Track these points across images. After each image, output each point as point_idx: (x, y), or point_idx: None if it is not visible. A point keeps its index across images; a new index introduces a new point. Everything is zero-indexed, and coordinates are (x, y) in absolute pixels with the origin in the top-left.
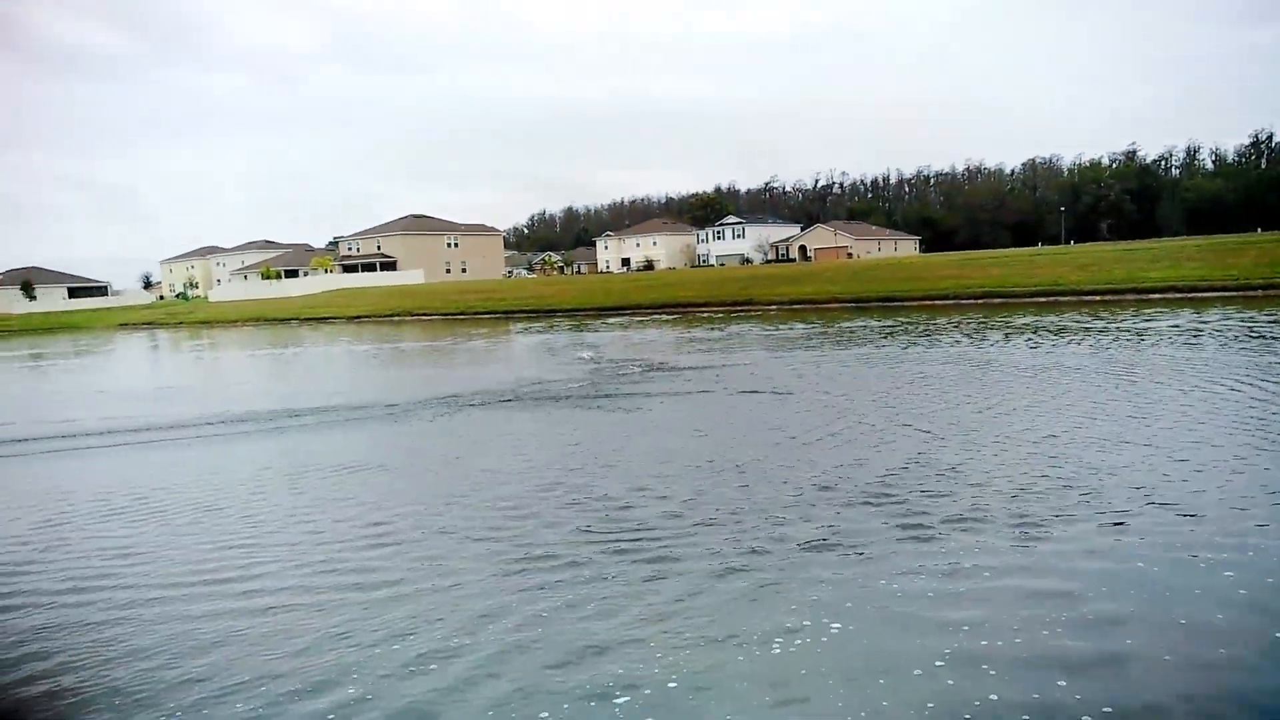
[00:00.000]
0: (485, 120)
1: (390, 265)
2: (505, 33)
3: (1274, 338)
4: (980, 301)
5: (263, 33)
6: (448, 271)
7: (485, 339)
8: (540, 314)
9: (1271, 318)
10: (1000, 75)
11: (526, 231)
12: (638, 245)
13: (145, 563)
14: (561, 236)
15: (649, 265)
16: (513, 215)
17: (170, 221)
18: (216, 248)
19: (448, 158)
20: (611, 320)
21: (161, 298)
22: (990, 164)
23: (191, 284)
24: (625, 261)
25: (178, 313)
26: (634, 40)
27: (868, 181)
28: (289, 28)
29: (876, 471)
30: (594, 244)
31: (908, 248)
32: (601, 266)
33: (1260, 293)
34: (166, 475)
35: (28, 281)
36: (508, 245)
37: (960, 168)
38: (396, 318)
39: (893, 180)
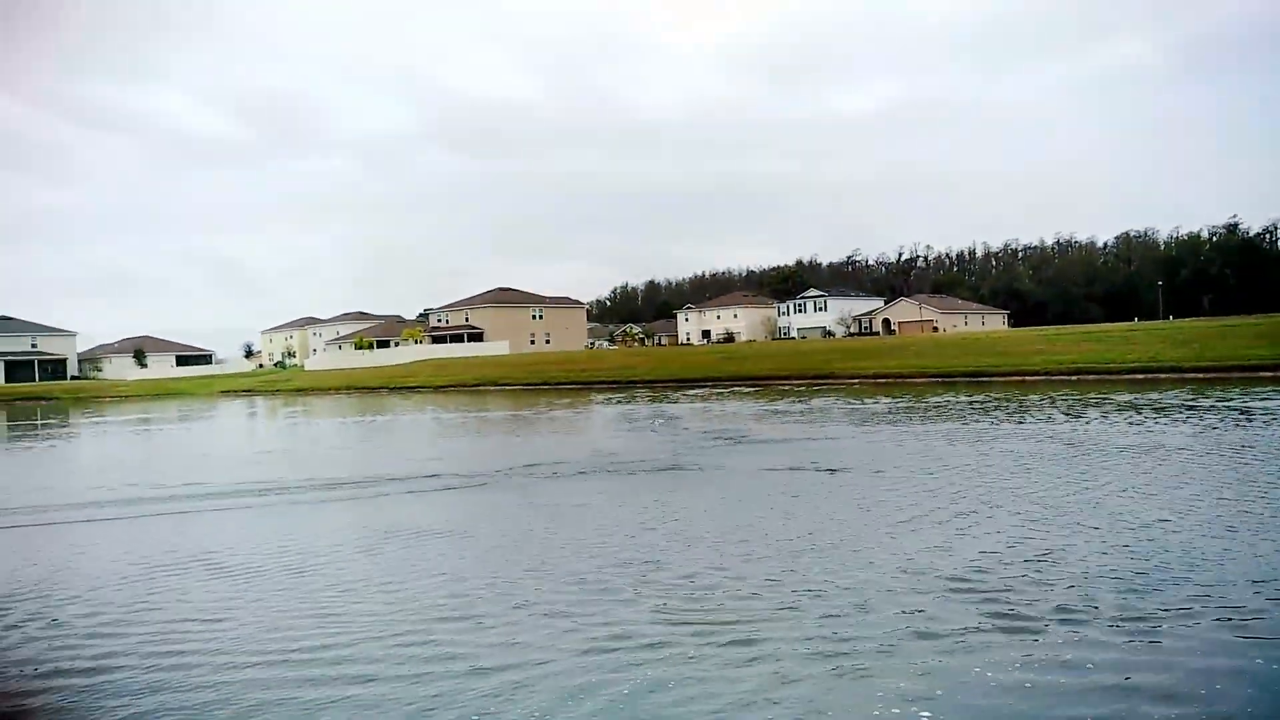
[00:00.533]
0: (572, 197)
1: (477, 336)
2: (596, 115)
3: None
4: (1073, 378)
5: (372, 119)
6: (532, 342)
7: (567, 409)
8: (621, 385)
9: None
10: (1090, 149)
11: (609, 304)
12: (718, 317)
13: (238, 626)
14: (643, 309)
15: (729, 337)
16: (596, 289)
17: (273, 294)
18: (314, 318)
19: (535, 234)
20: (691, 392)
21: (261, 366)
22: (1081, 237)
23: (289, 353)
24: (705, 334)
25: (275, 381)
26: (720, 121)
27: (953, 255)
28: (397, 114)
29: (969, 555)
30: (675, 316)
31: (995, 322)
32: (682, 338)
33: None
34: (258, 538)
35: (140, 350)
36: (590, 317)
37: (1049, 241)
38: (481, 387)
39: (979, 253)
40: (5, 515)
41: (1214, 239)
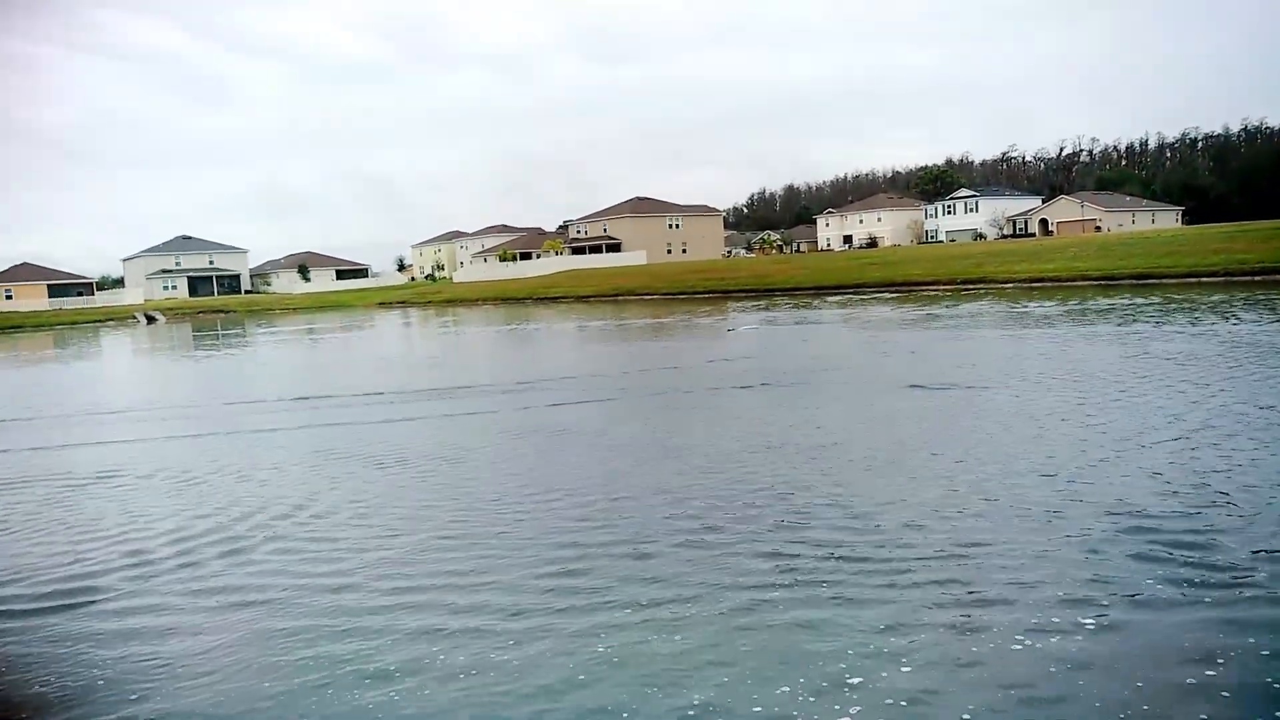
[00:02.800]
0: (709, 103)
1: (615, 247)
2: (731, 17)
3: None
4: (1257, 278)
5: (504, 31)
6: (669, 252)
7: (708, 316)
8: (759, 293)
9: None
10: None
11: (746, 211)
12: (860, 222)
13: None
14: (781, 215)
15: (872, 243)
16: (733, 195)
17: (421, 209)
18: (460, 232)
19: (672, 141)
20: (831, 299)
21: (413, 279)
22: (1273, 121)
23: (439, 266)
24: (847, 239)
25: (427, 292)
26: (863, 12)
27: (1121, 148)
28: (528, 26)
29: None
30: (814, 222)
31: (1167, 220)
32: (822, 245)
33: None
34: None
35: (304, 265)
36: (727, 225)
37: (1235, 128)
38: (621, 297)
39: (1151, 145)
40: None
41: None
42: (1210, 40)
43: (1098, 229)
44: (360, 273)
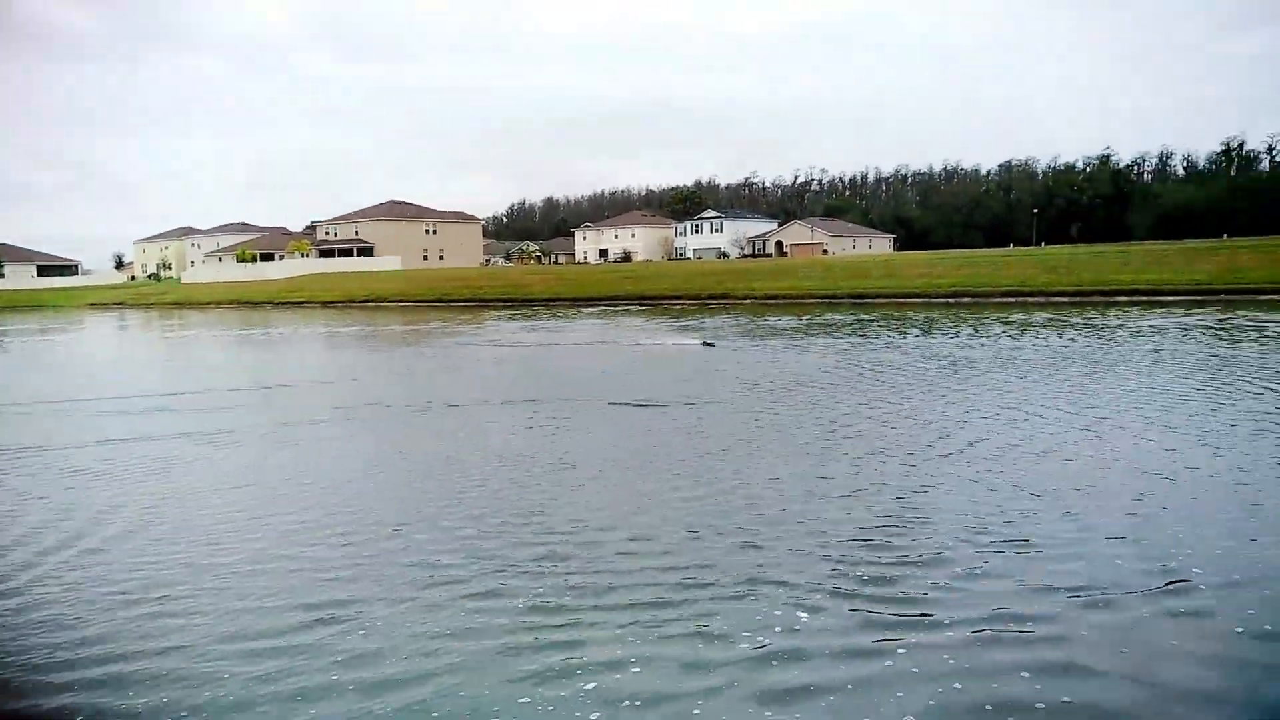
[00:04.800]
0: (470, 111)
1: (368, 250)
2: (494, 26)
3: (1221, 339)
4: (951, 300)
5: (247, 17)
6: (425, 259)
7: (462, 325)
8: (517, 303)
9: (1215, 322)
10: (980, 76)
11: (506, 221)
12: (616, 236)
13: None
14: (540, 226)
15: (627, 257)
16: (493, 204)
17: (144, 202)
18: (192, 229)
19: (431, 147)
20: (587, 309)
21: (133, 278)
22: (967, 164)
23: (165, 265)
24: (603, 252)
25: (148, 294)
26: (621, 36)
27: (845, 179)
28: (274, 14)
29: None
30: (572, 234)
31: (883, 245)
32: (579, 257)
33: (1222, 296)
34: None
35: None
36: (487, 234)
37: (937, 168)
38: (372, 303)
39: (870, 179)
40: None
41: (1087, 169)
42: (922, 86)
43: (825, 251)
44: (68, 269)
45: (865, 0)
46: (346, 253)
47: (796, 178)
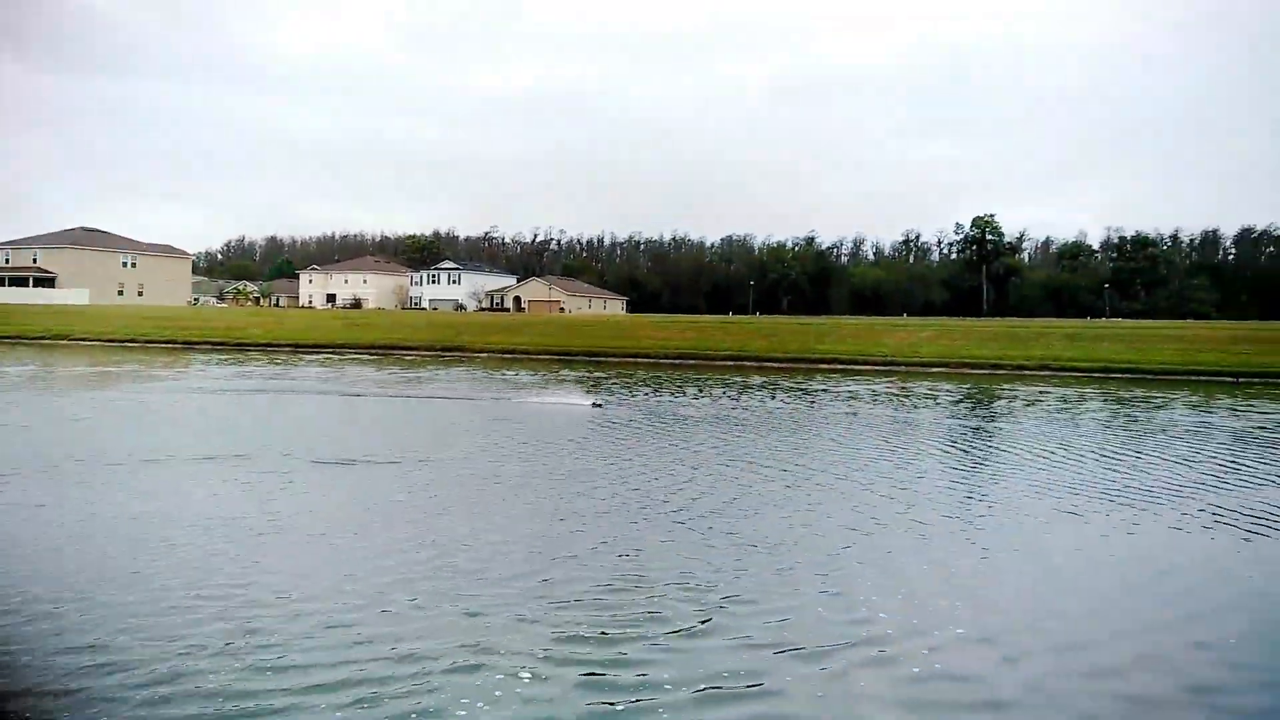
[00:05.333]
0: (186, 136)
1: (47, 281)
2: (215, 47)
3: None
4: (677, 361)
5: None
6: (120, 294)
7: (160, 368)
8: (229, 346)
9: (898, 390)
10: (703, 154)
11: (220, 258)
12: (346, 282)
13: None
14: (260, 267)
15: (357, 304)
16: (206, 239)
17: None
18: None
19: (136, 171)
20: (309, 357)
21: None
22: (694, 236)
23: None
24: (331, 297)
25: None
26: (362, 75)
27: (583, 241)
28: None
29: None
30: (298, 277)
31: (616, 306)
32: (304, 301)
33: (902, 369)
34: None
35: None
36: (197, 270)
37: (667, 237)
38: (49, 340)
39: (606, 242)
40: None
41: (795, 249)
42: (655, 156)
43: (562, 309)
44: None
45: (598, 79)
46: (21, 282)
47: (536, 235)
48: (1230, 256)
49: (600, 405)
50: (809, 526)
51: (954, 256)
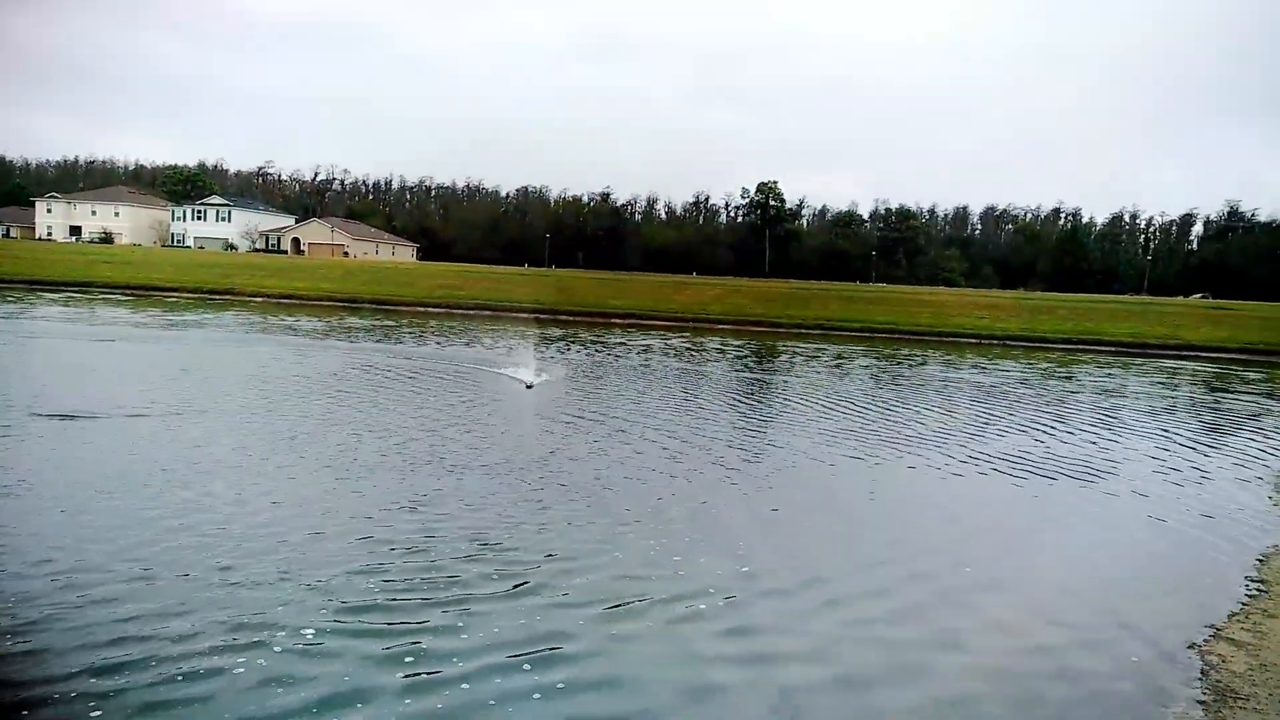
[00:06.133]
0: None
1: None
2: None
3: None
4: (471, 312)
5: None
6: None
7: None
8: None
9: (689, 344)
10: (502, 104)
11: None
12: (94, 213)
13: None
14: None
15: (107, 238)
16: None
17: None
18: None
19: None
20: (50, 295)
21: None
22: (489, 184)
23: None
24: (75, 230)
25: None
26: None
27: (369, 183)
28: None
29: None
30: (33, 204)
31: (406, 253)
32: (41, 233)
33: (691, 324)
34: None
35: None
36: None
37: (461, 184)
38: None
39: (394, 185)
40: None
41: (591, 204)
42: (443, 106)
43: (346, 254)
44: None
45: (380, 13)
46: None
47: (317, 174)
48: (977, 231)
49: (531, 386)
50: (631, 479)
51: (740, 220)
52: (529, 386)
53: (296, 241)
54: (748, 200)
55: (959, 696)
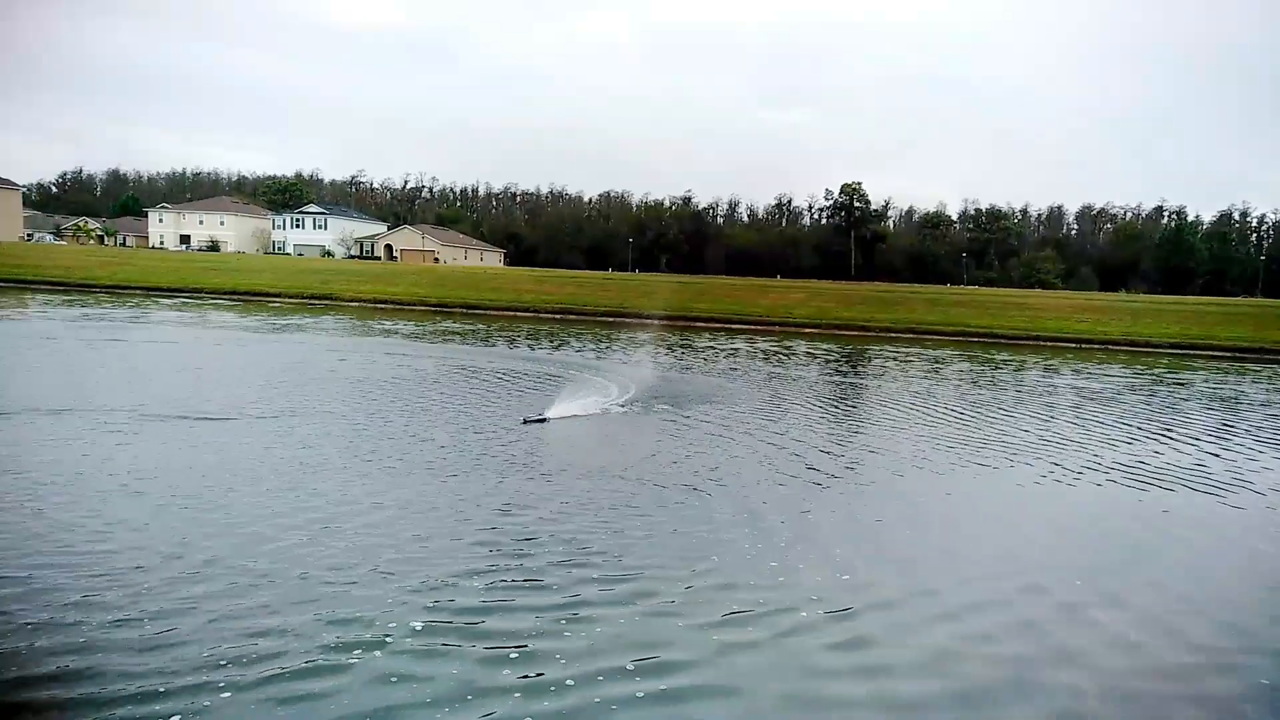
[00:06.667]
0: (19, 54)
1: None
2: None
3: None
4: (558, 316)
5: None
6: None
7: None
8: (70, 286)
9: (778, 348)
10: (581, 109)
11: (56, 191)
12: (201, 222)
13: None
14: (104, 202)
15: (214, 246)
16: (38, 170)
17: None
18: None
19: None
20: (166, 301)
21: None
22: (571, 190)
23: None
24: (185, 239)
25: None
26: (202, 5)
27: (456, 190)
28: None
29: None
30: (146, 215)
31: (493, 259)
32: (154, 241)
33: (778, 328)
34: None
35: None
36: (29, 204)
37: (545, 190)
38: None
39: (481, 192)
40: None
41: (673, 207)
42: (530, 108)
43: (436, 259)
44: None
45: (457, 17)
46: None
47: (407, 182)
48: (1073, 231)
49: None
50: (728, 484)
51: (824, 222)
52: (541, 420)
53: (389, 248)
54: (831, 202)
55: (1081, 715)
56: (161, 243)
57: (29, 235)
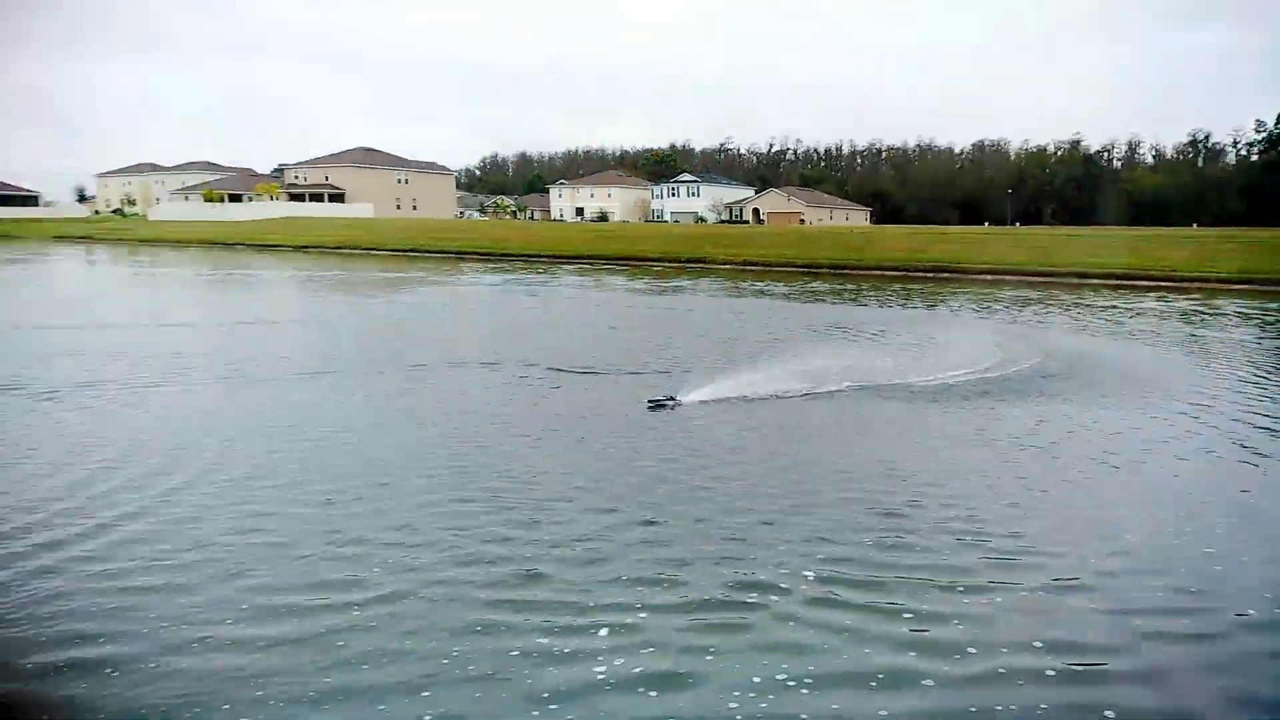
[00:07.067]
0: (444, 61)
1: (339, 197)
2: None
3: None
4: (930, 275)
5: None
6: (398, 208)
7: (445, 275)
8: (494, 256)
9: (1203, 307)
10: (951, 58)
11: (478, 174)
12: (592, 196)
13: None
14: (513, 181)
15: (603, 216)
16: (463, 157)
17: (106, 135)
18: (157, 165)
19: (402, 94)
20: (567, 267)
21: (97, 213)
22: (940, 143)
23: (129, 200)
24: (579, 211)
25: (116, 229)
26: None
27: (820, 150)
28: None
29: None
30: (547, 191)
31: (859, 218)
32: (555, 214)
33: (1196, 285)
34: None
35: None
36: (459, 186)
37: (911, 144)
38: (346, 250)
39: (845, 150)
40: None
41: (1058, 153)
42: (895, 61)
43: (802, 221)
44: (29, 199)
45: None
46: (317, 198)
47: (772, 145)
48: None
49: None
50: (1203, 474)
51: (1254, 159)
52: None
53: (756, 211)
54: (1265, 134)
55: None
56: (561, 215)
57: (460, 213)
